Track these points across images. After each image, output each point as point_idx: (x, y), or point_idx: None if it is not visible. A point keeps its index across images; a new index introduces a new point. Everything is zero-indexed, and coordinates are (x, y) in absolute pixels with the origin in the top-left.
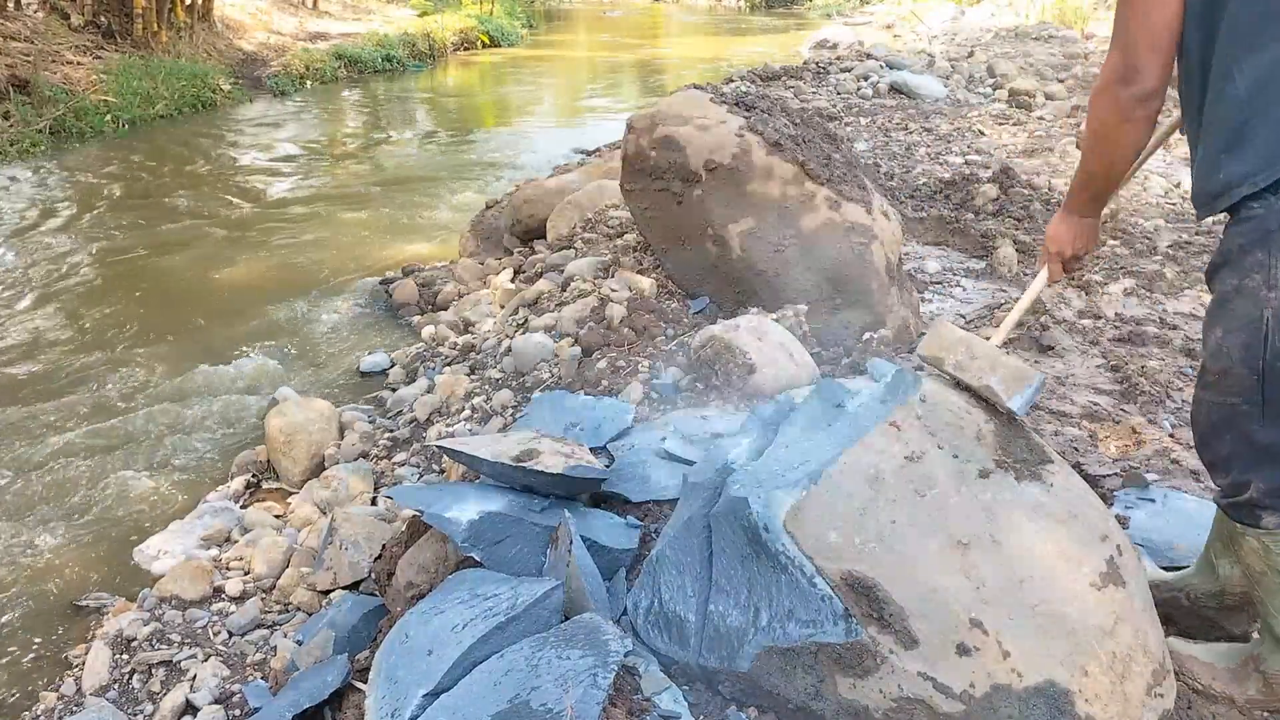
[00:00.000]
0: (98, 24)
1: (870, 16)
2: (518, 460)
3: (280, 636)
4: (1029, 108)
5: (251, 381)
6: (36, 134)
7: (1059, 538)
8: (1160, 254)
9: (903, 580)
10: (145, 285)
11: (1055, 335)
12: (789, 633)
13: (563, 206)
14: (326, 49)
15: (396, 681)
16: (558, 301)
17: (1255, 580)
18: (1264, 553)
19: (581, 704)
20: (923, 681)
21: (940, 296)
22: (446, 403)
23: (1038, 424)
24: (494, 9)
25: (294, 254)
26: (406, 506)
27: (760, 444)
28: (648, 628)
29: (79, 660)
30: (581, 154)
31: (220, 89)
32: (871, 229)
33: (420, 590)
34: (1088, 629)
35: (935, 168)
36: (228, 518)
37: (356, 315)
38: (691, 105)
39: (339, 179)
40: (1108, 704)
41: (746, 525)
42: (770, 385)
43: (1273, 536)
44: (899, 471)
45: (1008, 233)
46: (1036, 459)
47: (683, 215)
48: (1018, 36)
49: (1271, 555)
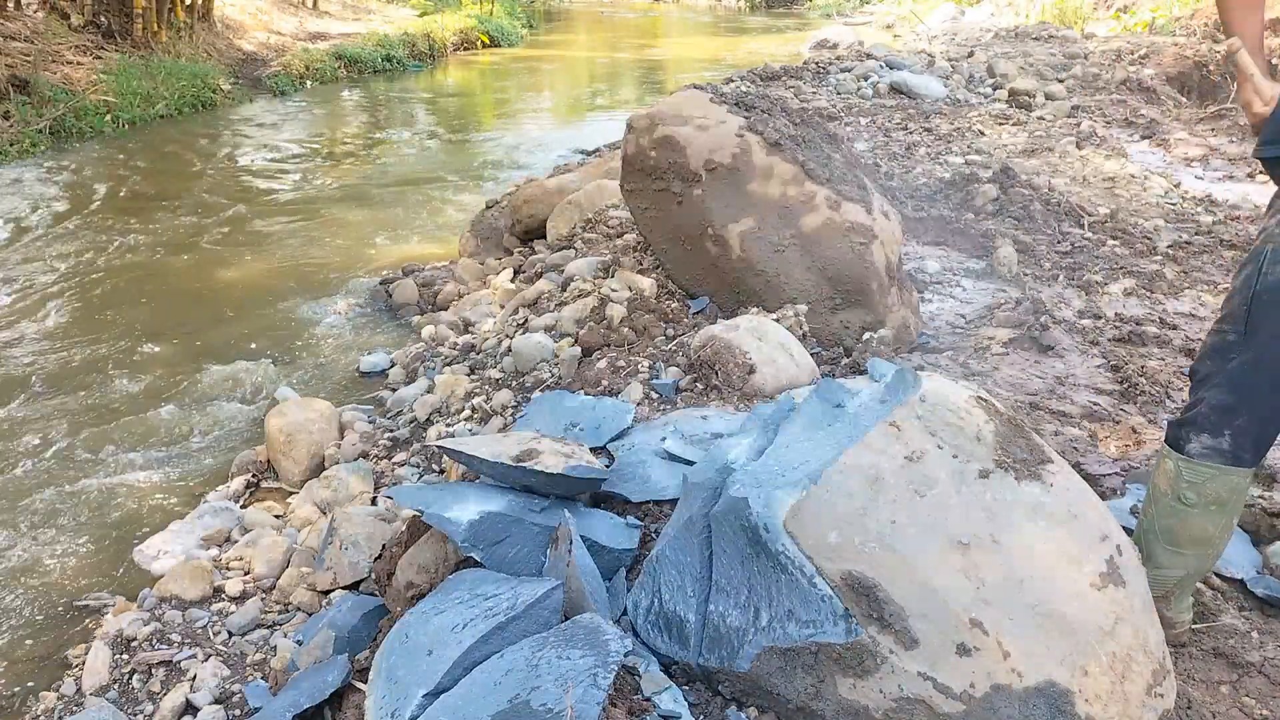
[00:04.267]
0: (98, 24)
1: (870, 16)
2: (518, 460)
3: (280, 636)
4: (1029, 108)
5: (251, 381)
6: (36, 134)
7: (1059, 537)
8: (1160, 254)
9: (903, 580)
10: (145, 285)
11: (1055, 335)
12: (789, 633)
13: (563, 206)
14: (326, 49)
15: (396, 681)
16: (558, 301)
17: (1155, 498)
18: (1175, 476)
19: (581, 704)
20: (923, 682)
21: (940, 296)
22: (446, 403)
23: (1038, 424)
24: (494, 9)
25: (294, 254)
26: (406, 506)
27: (760, 444)
28: (648, 628)
29: (79, 660)
30: (581, 154)
31: (220, 89)
32: (871, 229)
33: (420, 590)
34: (1088, 629)
35: (935, 168)
36: (228, 518)
37: (356, 315)
38: (691, 105)
39: (339, 179)
40: (1108, 704)
41: (746, 525)
42: (770, 385)
43: (1189, 465)
44: (899, 471)
45: (1008, 233)
46: (1036, 459)
47: (683, 215)
48: (1018, 36)
49: (1179, 480)
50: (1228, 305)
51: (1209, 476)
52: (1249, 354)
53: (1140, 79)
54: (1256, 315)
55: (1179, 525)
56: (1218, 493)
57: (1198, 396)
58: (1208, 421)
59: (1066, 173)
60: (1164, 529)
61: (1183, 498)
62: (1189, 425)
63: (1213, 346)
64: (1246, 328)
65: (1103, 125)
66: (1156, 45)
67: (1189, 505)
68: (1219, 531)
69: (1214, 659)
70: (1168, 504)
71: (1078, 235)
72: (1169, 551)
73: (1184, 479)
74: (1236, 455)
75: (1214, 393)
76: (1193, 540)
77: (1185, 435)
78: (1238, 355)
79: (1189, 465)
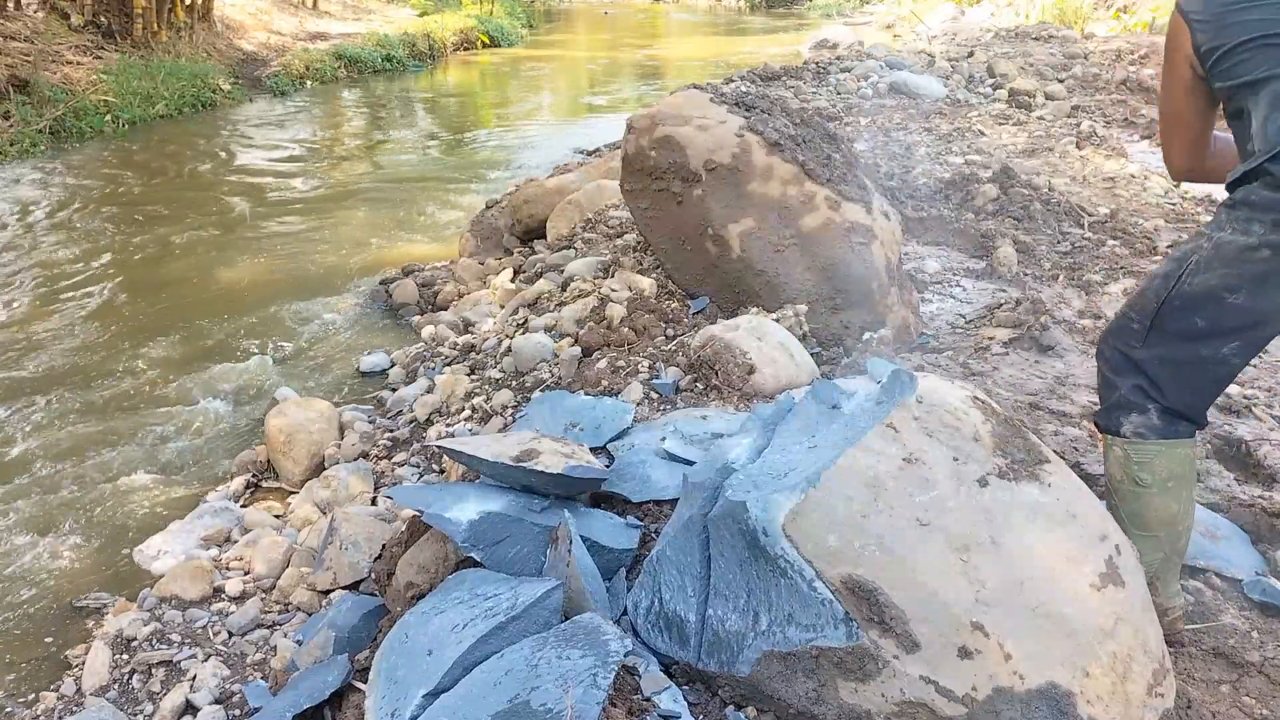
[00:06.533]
0: (98, 24)
1: (870, 16)
2: (518, 460)
3: (280, 636)
4: (1029, 108)
5: (252, 381)
6: (36, 134)
7: (1058, 538)
8: (1160, 254)
9: (903, 583)
10: (145, 285)
11: (1055, 335)
12: (789, 637)
13: (563, 206)
14: (326, 49)
15: (396, 681)
16: (558, 301)
17: (1114, 488)
18: (1124, 461)
19: (581, 704)
20: (925, 685)
21: (940, 296)
22: (446, 403)
23: (1037, 424)
24: (494, 9)
25: (294, 254)
26: (406, 506)
27: (760, 444)
28: (648, 628)
29: (79, 660)
30: (581, 154)
31: (220, 89)
32: (871, 229)
33: (420, 590)
34: (1088, 630)
35: (935, 168)
36: (228, 518)
37: (356, 315)
38: (691, 105)
39: (339, 179)
40: (1109, 705)
41: (745, 529)
42: (770, 385)
43: (1133, 445)
44: (897, 473)
45: (1008, 233)
46: (1034, 459)
47: (683, 215)
48: (1018, 36)
49: (1130, 464)
50: (1140, 296)
51: (1155, 453)
52: (1154, 350)
53: (1140, 79)
54: (1164, 316)
55: (1142, 508)
56: (1169, 468)
57: (1107, 376)
58: (1130, 403)
59: (1066, 173)
60: (1130, 515)
61: (1138, 480)
62: (1116, 409)
63: (1117, 328)
64: (1152, 324)
65: (1103, 125)
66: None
67: (1146, 487)
68: (1182, 506)
69: (1214, 659)
70: (1127, 490)
71: (1078, 235)
72: (1141, 537)
73: (1133, 461)
74: (1172, 428)
75: (1126, 378)
76: (1160, 521)
77: (1116, 419)
78: (1140, 346)
79: (1133, 446)
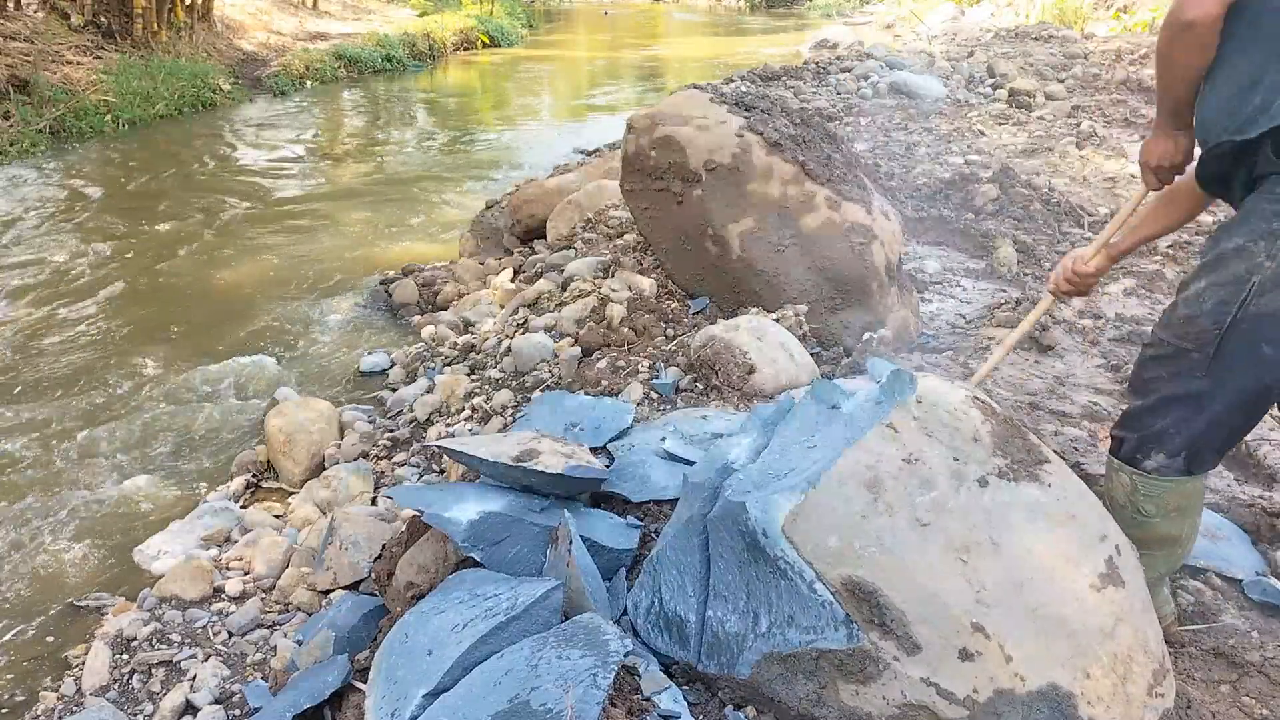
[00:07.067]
0: (98, 24)
1: (870, 16)
2: (518, 460)
3: (280, 636)
4: (1029, 108)
5: (251, 381)
6: (36, 134)
7: (1058, 538)
8: (1160, 254)
9: (903, 585)
10: (145, 285)
11: (1055, 335)
12: (789, 639)
13: (563, 206)
14: (326, 49)
15: (396, 681)
16: (558, 301)
17: (1114, 510)
18: (1130, 491)
19: (581, 704)
20: (926, 687)
21: (940, 296)
22: (446, 403)
23: (1037, 424)
24: (494, 9)
25: (294, 254)
26: (406, 506)
27: (760, 444)
28: (648, 628)
29: (79, 660)
30: (581, 154)
31: (220, 89)
32: (871, 229)
33: (420, 590)
34: (1089, 630)
35: (935, 168)
36: (228, 518)
37: (356, 315)
38: (691, 105)
39: (339, 179)
40: (1110, 705)
41: (744, 531)
42: (770, 385)
43: (1146, 480)
44: (897, 474)
45: (1008, 233)
46: (1034, 459)
47: (683, 215)
48: (1018, 36)
49: (1136, 495)
50: (1187, 319)
51: (1167, 489)
52: (1220, 381)
53: (1140, 79)
54: (1232, 342)
55: (1143, 533)
56: (1177, 502)
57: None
58: (1171, 442)
59: (1066, 173)
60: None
61: (1141, 509)
62: (1149, 442)
63: (1164, 356)
64: (1216, 351)
65: (1103, 125)
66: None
67: (1149, 516)
68: (1186, 530)
69: (1214, 659)
70: (1128, 515)
71: (1078, 235)
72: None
73: (1140, 493)
74: (1193, 469)
75: (1167, 414)
76: (1160, 542)
77: (1143, 451)
78: (1202, 376)
79: (1145, 480)
